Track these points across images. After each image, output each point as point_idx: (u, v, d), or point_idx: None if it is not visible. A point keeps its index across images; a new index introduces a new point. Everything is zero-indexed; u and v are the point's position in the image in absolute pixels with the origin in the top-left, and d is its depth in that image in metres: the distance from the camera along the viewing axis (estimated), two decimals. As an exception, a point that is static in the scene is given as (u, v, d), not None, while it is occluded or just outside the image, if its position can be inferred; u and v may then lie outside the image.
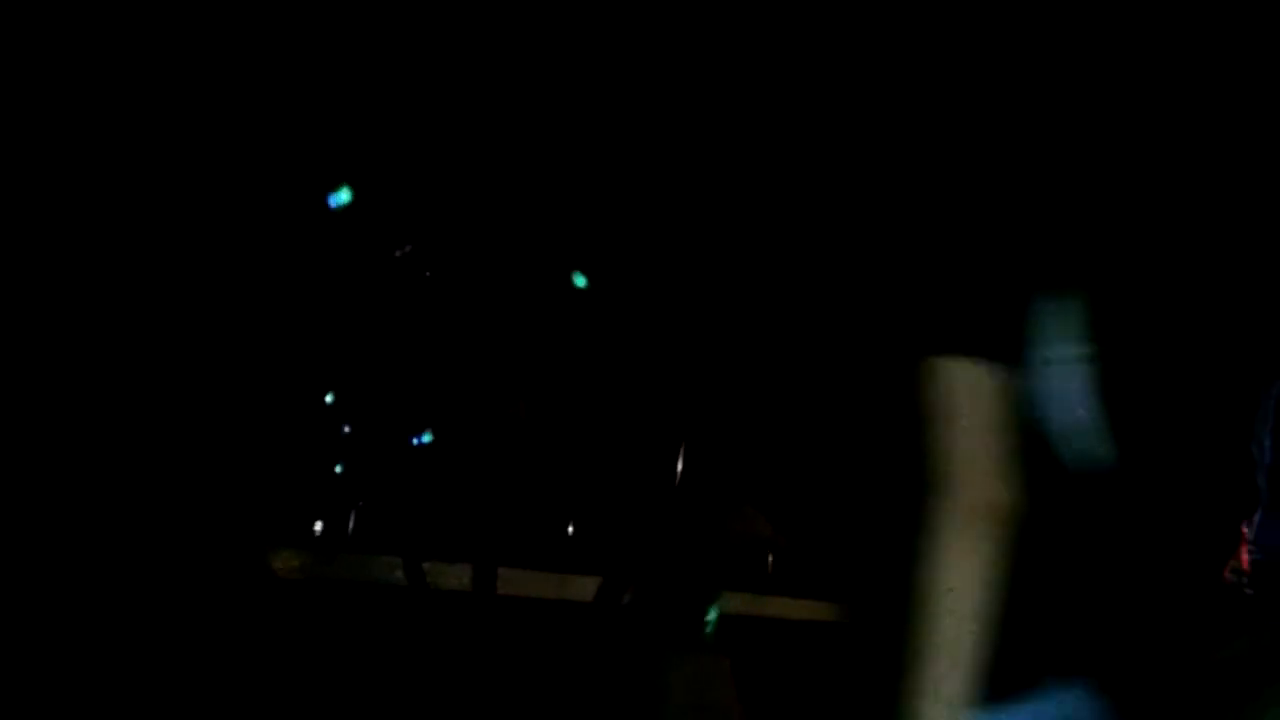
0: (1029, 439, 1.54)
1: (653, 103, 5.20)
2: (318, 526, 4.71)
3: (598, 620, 4.13)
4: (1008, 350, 1.57)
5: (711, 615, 3.94)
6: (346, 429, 4.81)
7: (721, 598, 4.02)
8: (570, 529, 5.60)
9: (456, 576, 4.64)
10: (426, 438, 4.92)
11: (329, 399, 4.80)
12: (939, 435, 1.46)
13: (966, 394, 1.52)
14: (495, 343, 5.26)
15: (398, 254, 4.97)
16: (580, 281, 5.06)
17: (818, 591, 6.34)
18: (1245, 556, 2.08)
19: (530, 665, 4.64)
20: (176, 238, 4.43)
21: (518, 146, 5.23)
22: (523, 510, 5.26)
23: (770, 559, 4.26)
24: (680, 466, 5.35)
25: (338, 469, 4.77)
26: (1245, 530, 2.03)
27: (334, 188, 4.87)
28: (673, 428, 5.63)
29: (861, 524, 1.48)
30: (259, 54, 4.49)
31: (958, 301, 1.57)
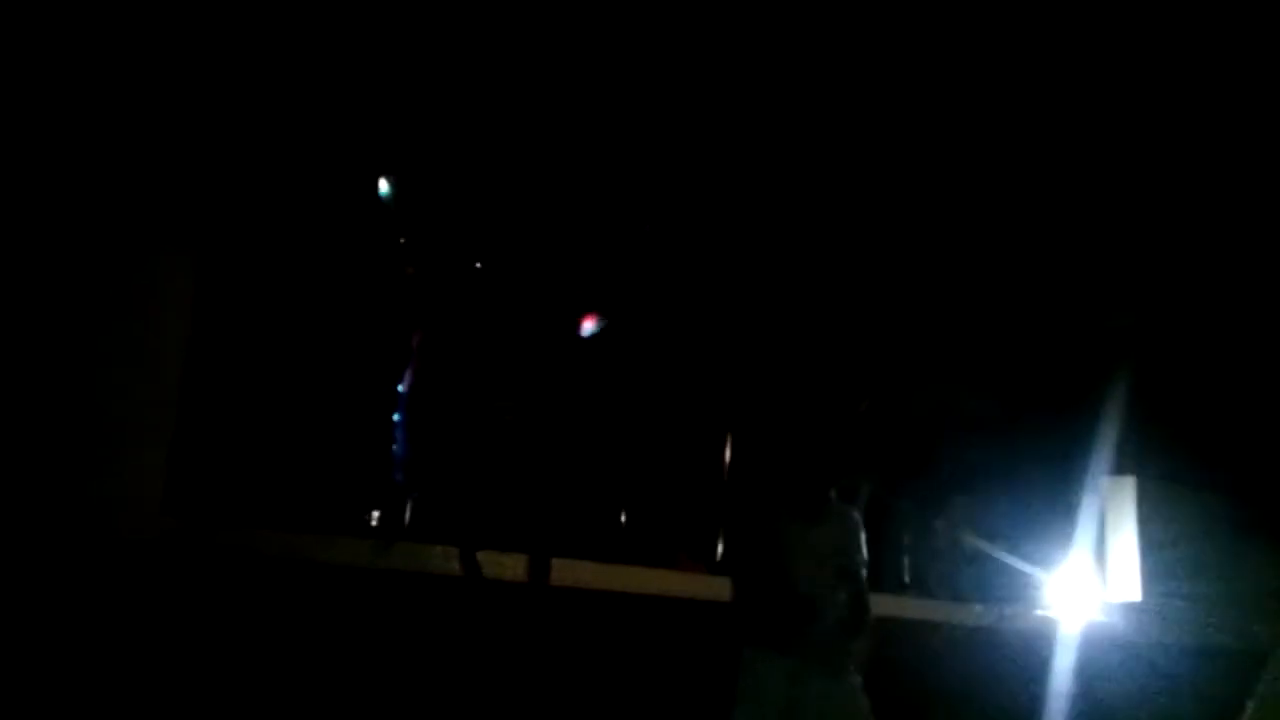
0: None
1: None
2: (374, 516, 4.76)
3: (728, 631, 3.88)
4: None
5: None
6: (401, 421, 4.85)
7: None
8: (623, 519, 5.61)
9: (511, 566, 4.67)
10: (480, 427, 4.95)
11: (386, 394, 4.84)
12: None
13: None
14: (544, 338, 5.29)
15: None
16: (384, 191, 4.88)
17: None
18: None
19: (583, 656, 4.66)
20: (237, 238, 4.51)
21: (528, 154, 5.25)
22: (577, 501, 5.28)
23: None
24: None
25: (394, 460, 4.81)
26: None
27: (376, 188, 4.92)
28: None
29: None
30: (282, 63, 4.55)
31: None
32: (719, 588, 4.08)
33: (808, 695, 3.55)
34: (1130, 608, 6.56)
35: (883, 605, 5.45)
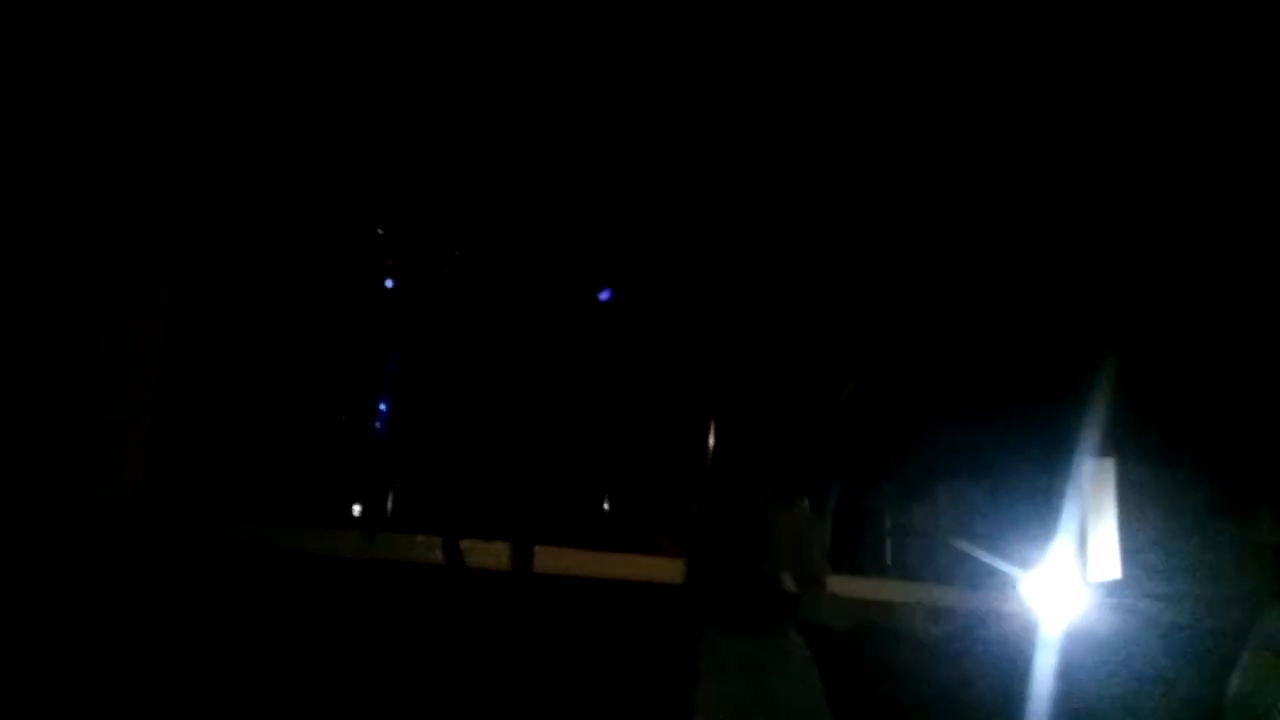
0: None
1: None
2: (357, 507, 4.77)
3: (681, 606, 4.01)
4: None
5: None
6: (384, 412, 4.85)
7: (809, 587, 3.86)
8: (606, 506, 5.62)
9: (494, 555, 4.68)
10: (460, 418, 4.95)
11: (366, 385, 4.84)
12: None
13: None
14: (524, 331, 5.29)
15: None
16: None
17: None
18: None
19: (567, 644, 4.68)
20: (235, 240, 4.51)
21: (521, 150, 5.25)
22: (559, 488, 5.29)
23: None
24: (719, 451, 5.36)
25: (376, 450, 4.82)
26: None
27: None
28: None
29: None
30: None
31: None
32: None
33: (766, 672, 3.65)
34: (1111, 590, 6.61)
35: (864, 588, 5.52)
